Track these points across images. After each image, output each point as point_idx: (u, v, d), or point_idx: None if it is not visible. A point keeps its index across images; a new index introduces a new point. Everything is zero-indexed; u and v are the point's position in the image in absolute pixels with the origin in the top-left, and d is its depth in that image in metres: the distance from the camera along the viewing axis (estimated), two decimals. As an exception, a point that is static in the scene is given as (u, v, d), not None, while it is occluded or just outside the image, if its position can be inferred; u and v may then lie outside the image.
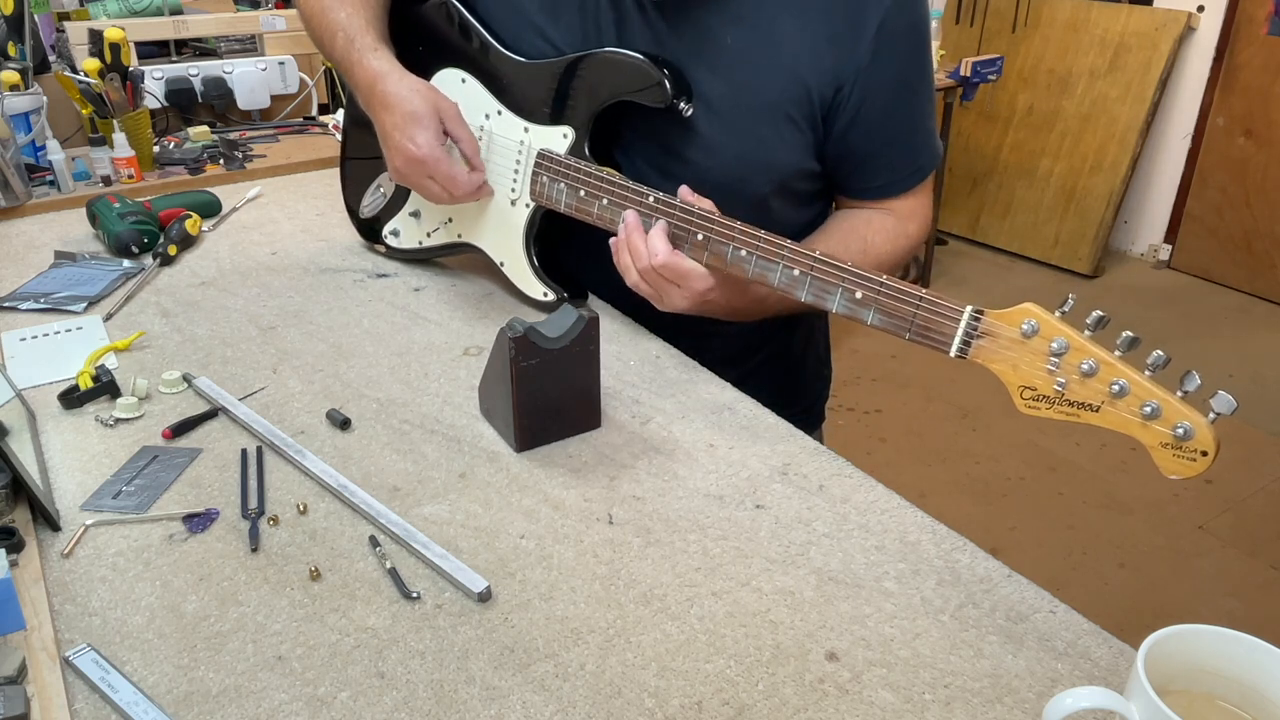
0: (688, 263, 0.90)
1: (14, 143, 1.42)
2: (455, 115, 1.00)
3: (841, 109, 0.98)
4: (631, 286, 0.95)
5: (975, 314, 0.75)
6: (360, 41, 1.01)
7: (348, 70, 1.03)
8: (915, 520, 0.78)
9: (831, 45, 0.95)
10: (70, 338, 1.05)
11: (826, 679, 0.63)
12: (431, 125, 0.97)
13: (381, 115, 0.99)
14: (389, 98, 0.97)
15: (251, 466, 0.83)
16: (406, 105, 0.97)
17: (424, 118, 0.97)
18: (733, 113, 0.97)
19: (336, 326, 1.08)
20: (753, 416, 0.93)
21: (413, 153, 0.97)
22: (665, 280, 0.92)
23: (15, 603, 0.64)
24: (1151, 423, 0.67)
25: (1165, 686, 0.52)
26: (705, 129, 0.98)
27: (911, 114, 1.02)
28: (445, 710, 0.60)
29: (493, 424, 0.90)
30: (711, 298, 0.93)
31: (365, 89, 1.00)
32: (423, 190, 1.01)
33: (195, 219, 1.30)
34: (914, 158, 1.04)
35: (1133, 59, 3.83)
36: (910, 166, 1.04)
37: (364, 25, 1.03)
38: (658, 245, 0.90)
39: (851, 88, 0.96)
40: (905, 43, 0.97)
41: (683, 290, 0.92)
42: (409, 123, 0.96)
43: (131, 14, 2.14)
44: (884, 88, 0.97)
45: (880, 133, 1.00)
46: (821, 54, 0.95)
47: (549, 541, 0.75)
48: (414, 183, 1.01)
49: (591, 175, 0.96)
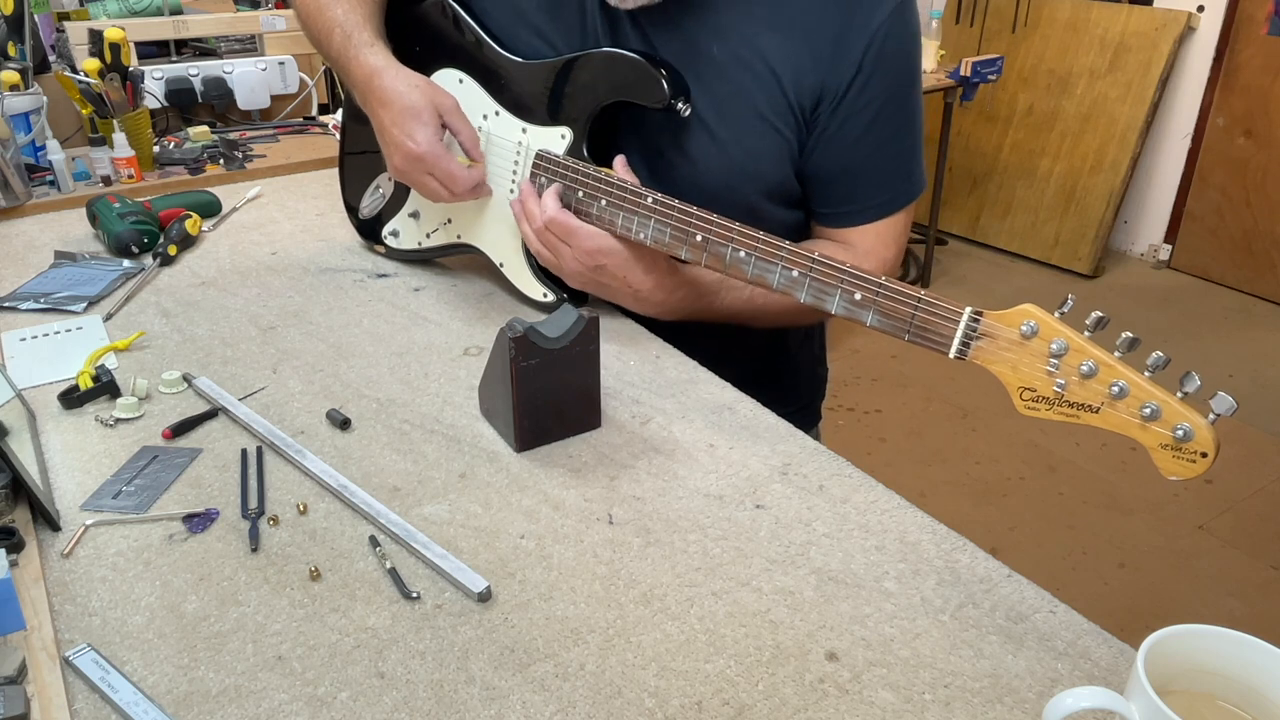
0: (575, 220, 0.94)
1: (14, 143, 1.42)
2: (454, 109, 0.99)
3: (816, 125, 0.96)
4: (535, 252, 0.99)
5: (974, 315, 0.75)
6: (357, 37, 1.01)
7: (345, 67, 1.02)
8: (915, 520, 0.78)
9: (814, 64, 0.94)
10: (70, 338, 1.05)
11: (826, 679, 0.63)
12: (430, 121, 0.96)
13: (379, 111, 0.98)
14: (386, 93, 0.97)
15: (251, 466, 0.83)
16: (404, 100, 0.96)
17: (422, 113, 0.96)
18: (719, 123, 0.97)
19: (336, 326, 1.08)
20: (753, 416, 0.93)
21: (411, 149, 0.96)
22: (556, 238, 0.96)
23: (15, 603, 0.64)
24: (1151, 424, 0.67)
25: (1165, 686, 0.52)
26: (694, 138, 0.98)
27: (888, 143, 0.99)
28: (445, 710, 0.60)
29: (493, 424, 0.90)
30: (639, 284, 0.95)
31: (362, 85, 1.00)
32: (422, 188, 1.01)
33: (195, 219, 1.30)
34: (883, 189, 1.00)
35: (1133, 59, 3.83)
36: (877, 198, 1.00)
37: (360, 21, 1.02)
38: (548, 203, 0.96)
39: (830, 106, 0.95)
40: (890, 72, 0.94)
41: (574, 251, 0.95)
42: (407, 118, 0.96)
43: (131, 14, 2.14)
44: (862, 112, 0.95)
45: (849, 157, 0.98)
46: (804, 70, 0.94)
47: (549, 541, 0.75)
48: (413, 180, 1.00)
49: (590, 176, 0.96)
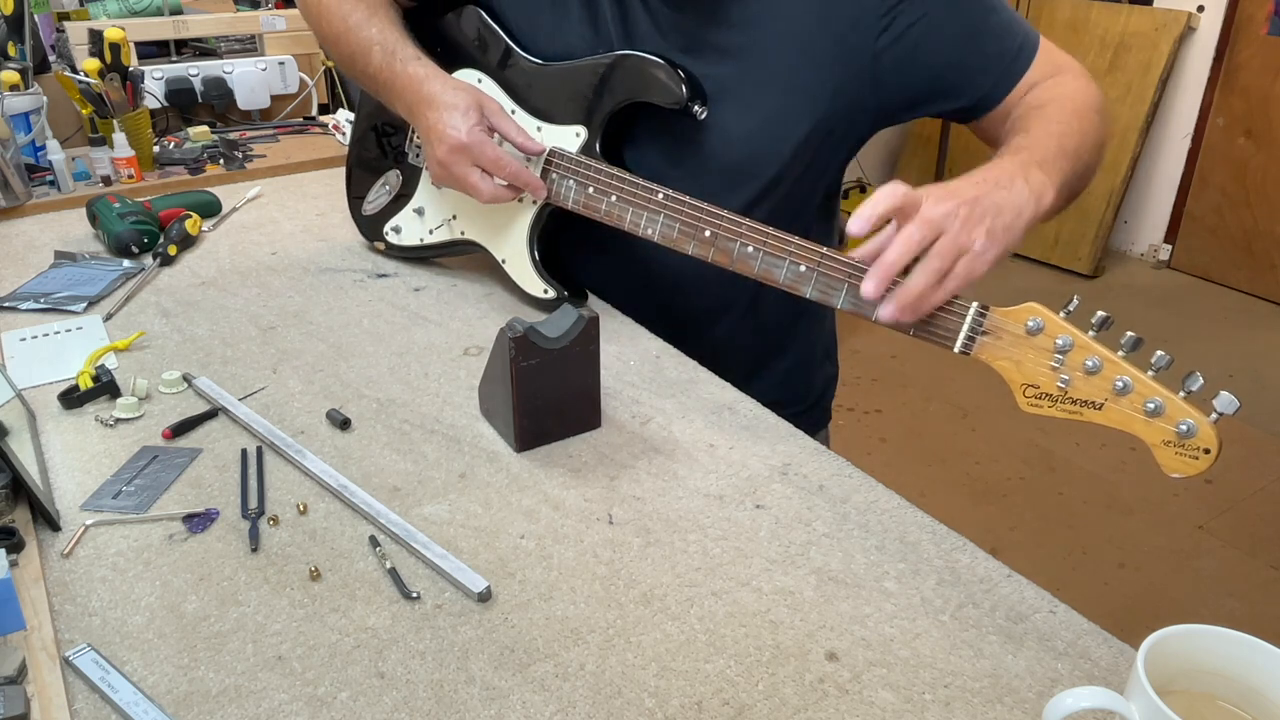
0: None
1: (14, 143, 1.42)
2: (498, 110, 1.01)
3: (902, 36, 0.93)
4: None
5: (980, 310, 0.75)
6: (401, 52, 1.03)
7: (388, 80, 1.04)
8: (915, 520, 0.78)
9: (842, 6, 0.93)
10: (70, 338, 1.05)
11: (826, 679, 0.63)
12: (474, 115, 0.99)
13: (427, 113, 1.00)
14: (434, 96, 0.99)
15: (251, 466, 0.83)
16: (450, 99, 0.99)
17: (468, 109, 0.98)
18: (740, 91, 0.98)
19: (336, 326, 1.08)
20: (753, 416, 0.93)
21: (457, 139, 0.97)
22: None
23: (15, 603, 0.64)
24: (1154, 420, 0.67)
25: (1165, 686, 0.52)
26: (718, 111, 0.98)
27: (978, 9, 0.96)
28: (445, 710, 0.60)
29: (493, 424, 0.90)
30: None
31: (410, 93, 1.02)
32: (463, 181, 1.00)
33: (195, 219, 1.30)
34: (1009, 40, 0.97)
35: (1133, 59, 3.83)
36: (1013, 48, 0.97)
37: (401, 37, 1.05)
38: None
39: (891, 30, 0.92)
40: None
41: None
42: (453, 113, 0.98)
43: (131, 14, 2.14)
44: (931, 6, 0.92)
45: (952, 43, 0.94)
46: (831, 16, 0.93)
47: (549, 541, 0.75)
48: (456, 175, 1.00)
49: (601, 173, 0.97)
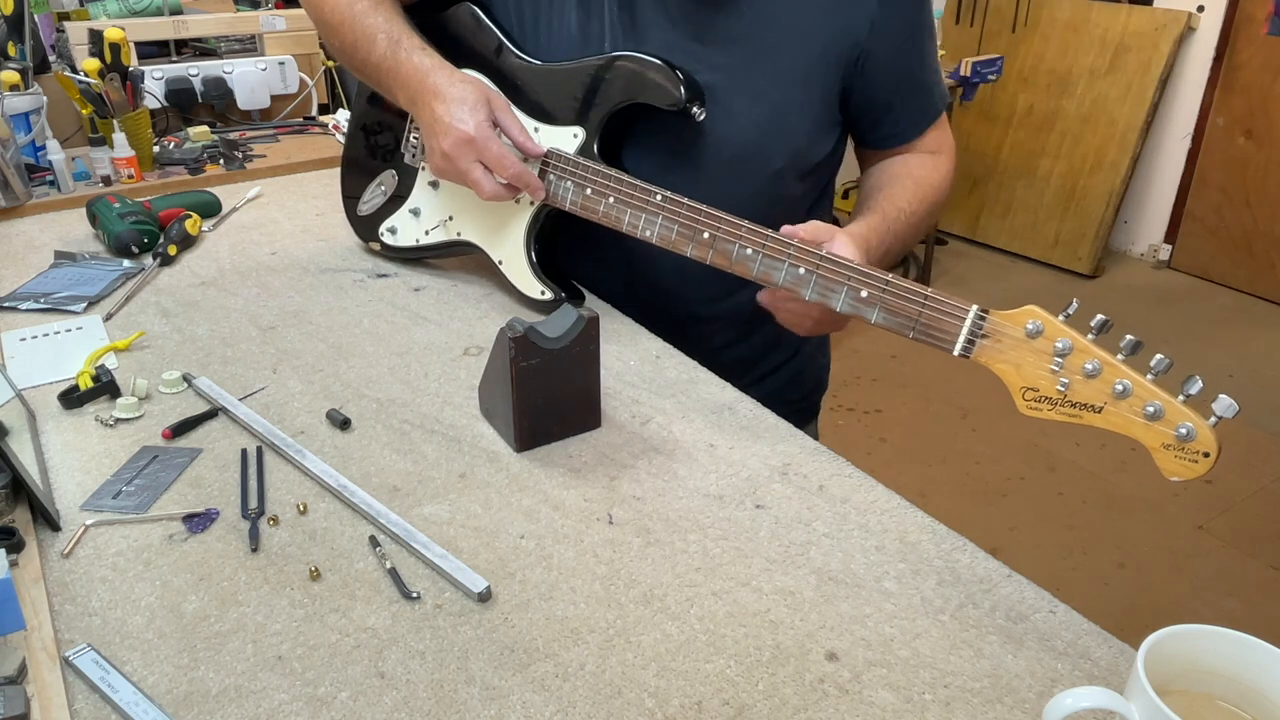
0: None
1: (14, 143, 1.42)
2: (505, 106, 1.01)
3: (860, 63, 1.01)
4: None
5: (980, 313, 0.75)
6: (407, 42, 1.03)
7: (391, 69, 1.03)
8: (915, 520, 0.78)
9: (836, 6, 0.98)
10: (70, 338, 1.05)
11: (826, 679, 0.63)
12: (482, 110, 0.98)
13: (432, 104, 0.99)
14: (440, 87, 0.99)
15: (251, 466, 0.83)
16: (457, 91, 0.98)
17: (476, 104, 0.98)
18: (749, 80, 0.99)
19: (336, 326, 1.08)
20: (753, 416, 0.93)
21: (463, 132, 0.97)
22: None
23: (15, 603, 0.64)
24: (1154, 423, 0.67)
25: (1165, 686, 0.52)
26: (724, 100, 0.99)
27: (920, 56, 1.06)
28: (445, 710, 0.60)
29: (493, 424, 0.90)
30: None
31: (415, 84, 1.01)
32: (465, 177, 1.00)
33: (195, 219, 1.30)
34: (928, 98, 1.09)
35: (1133, 59, 3.83)
36: (926, 108, 1.09)
37: (406, 27, 1.04)
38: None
39: (866, 40, 1.00)
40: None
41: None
42: (460, 106, 0.98)
43: (131, 14, 2.13)
44: (894, 34, 1.01)
45: (894, 79, 1.05)
46: (834, 9, 0.98)
47: (549, 541, 0.75)
48: (458, 169, 0.99)
49: (599, 174, 0.97)
